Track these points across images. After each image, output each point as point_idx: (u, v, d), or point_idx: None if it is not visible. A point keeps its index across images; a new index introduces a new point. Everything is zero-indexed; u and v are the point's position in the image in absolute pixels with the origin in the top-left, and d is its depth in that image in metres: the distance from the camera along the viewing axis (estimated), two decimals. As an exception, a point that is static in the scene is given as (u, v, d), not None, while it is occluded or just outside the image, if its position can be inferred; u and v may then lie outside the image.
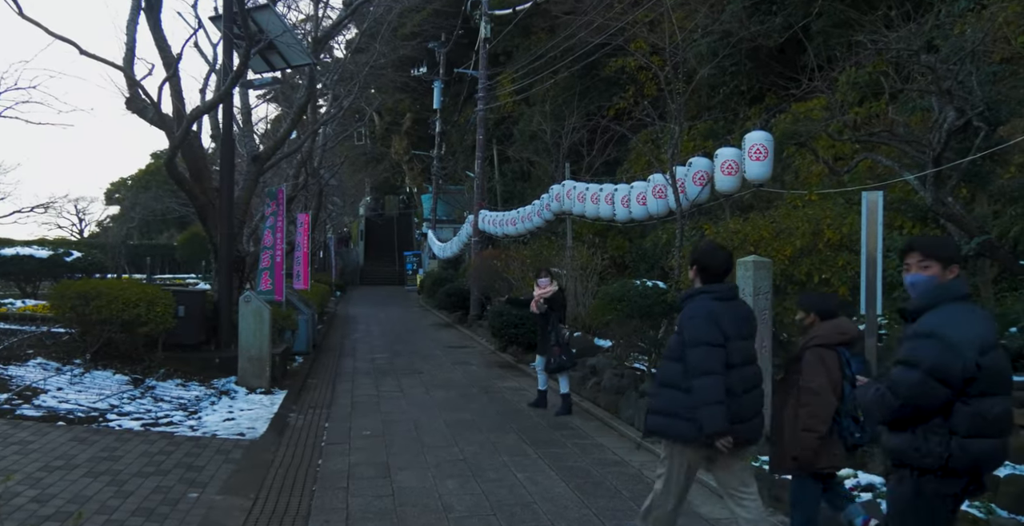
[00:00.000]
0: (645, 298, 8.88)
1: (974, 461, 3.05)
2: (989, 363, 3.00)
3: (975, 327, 3.05)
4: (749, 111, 22.18)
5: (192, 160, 11.78)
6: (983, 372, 2.99)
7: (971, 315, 3.13)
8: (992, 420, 3.02)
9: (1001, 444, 3.09)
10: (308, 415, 9.20)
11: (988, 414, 3.01)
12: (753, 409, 4.09)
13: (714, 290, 4.18)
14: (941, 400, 3.01)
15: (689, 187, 10.61)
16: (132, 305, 9.74)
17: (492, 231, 21.59)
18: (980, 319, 3.14)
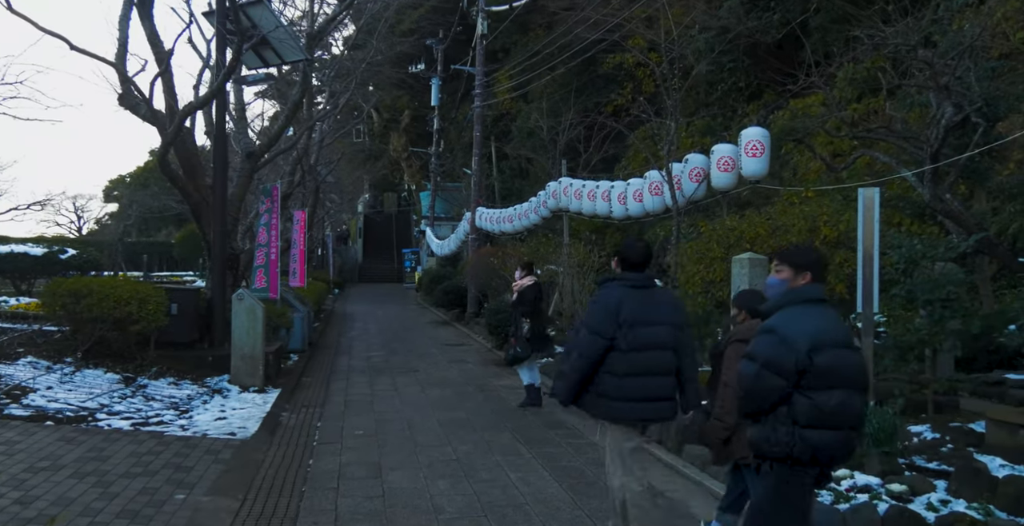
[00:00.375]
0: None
1: (813, 451, 3.27)
2: (824, 359, 3.24)
3: (811, 325, 3.32)
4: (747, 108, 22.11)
5: (185, 157, 11.69)
6: (816, 367, 3.22)
7: (812, 315, 3.39)
8: (829, 413, 3.23)
9: (841, 436, 3.30)
10: (301, 414, 9.12)
11: (825, 406, 3.23)
12: (644, 392, 4.31)
13: (627, 278, 4.45)
14: (778, 391, 3.27)
15: (685, 184, 10.53)
16: (123, 303, 9.65)
17: (489, 228, 21.52)
18: (821, 319, 3.38)
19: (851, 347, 3.44)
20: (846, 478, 5.30)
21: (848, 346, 3.41)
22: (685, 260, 8.20)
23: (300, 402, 9.91)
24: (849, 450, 3.41)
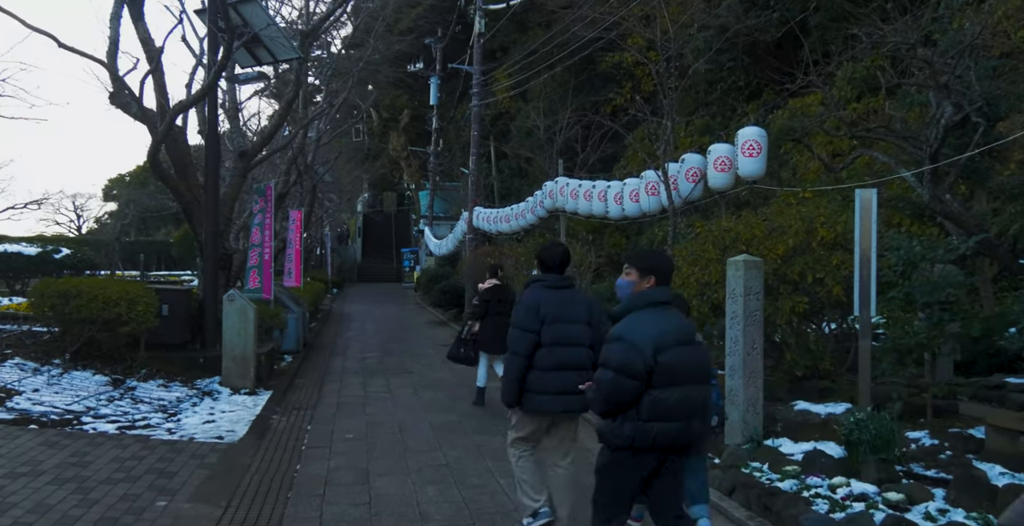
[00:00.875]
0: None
1: (653, 440, 3.62)
2: (665, 360, 3.57)
3: (654, 329, 3.63)
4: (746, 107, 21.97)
5: (177, 156, 11.57)
6: (660, 367, 3.56)
7: (655, 319, 3.68)
8: (669, 407, 3.59)
9: (680, 426, 3.64)
10: (291, 417, 9.00)
11: (666, 402, 3.59)
12: (559, 386, 4.56)
13: (545, 279, 4.81)
14: (633, 392, 3.60)
15: (682, 184, 10.41)
16: (113, 304, 9.53)
17: (487, 228, 21.40)
18: (663, 322, 3.68)
19: (692, 344, 3.76)
20: (842, 486, 5.17)
21: (688, 343, 3.73)
22: (680, 262, 8.06)
23: (291, 404, 9.79)
24: (688, 437, 3.71)
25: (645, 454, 3.67)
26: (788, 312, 7.06)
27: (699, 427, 3.75)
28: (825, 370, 7.40)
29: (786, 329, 7.16)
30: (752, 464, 5.93)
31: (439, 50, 36.95)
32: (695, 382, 3.69)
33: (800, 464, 5.72)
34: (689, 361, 3.68)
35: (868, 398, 6.01)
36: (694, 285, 7.86)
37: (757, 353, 6.62)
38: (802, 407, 6.73)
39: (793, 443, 6.27)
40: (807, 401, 6.92)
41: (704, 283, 7.64)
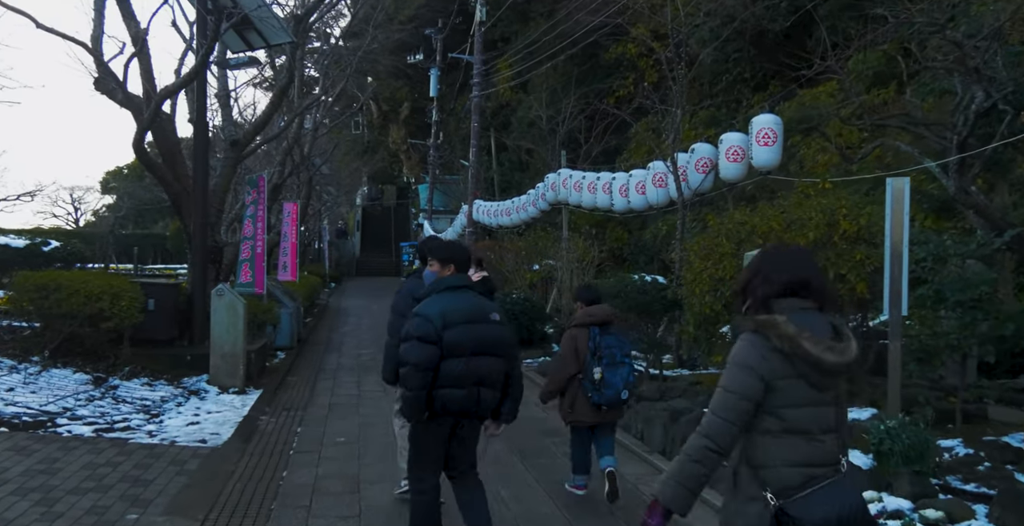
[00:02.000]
0: (643, 294, 8.24)
1: (444, 405, 4.07)
2: (451, 335, 4.02)
3: (443, 306, 4.10)
4: (752, 99, 21.49)
5: (165, 145, 11.12)
6: (445, 341, 4.02)
7: (447, 299, 4.16)
8: (454, 377, 4.03)
9: (464, 393, 4.08)
10: (281, 418, 8.56)
11: (451, 372, 4.03)
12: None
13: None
14: (433, 357, 4.00)
15: (691, 175, 9.96)
16: (95, 298, 9.11)
17: (487, 222, 20.95)
18: (454, 302, 4.14)
19: (484, 322, 4.15)
20: (873, 501, 4.74)
21: (479, 321, 4.13)
22: (692, 256, 7.63)
23: (282, 404, 9.35)
24: (479, 405, 4.16)
25: (439, 418, 4.14)
26: (808, 310, 6.61)
27: (489, 395, 4.20)
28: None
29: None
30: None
31: (439, 41, 36.41)
32: (483, 354, 4.12)
33: (825, 475, 5.27)
34: (477, 336, 4.10)
35: (898, 404, 5.57)
36: (707, 281, 7.42)
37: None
38: (824, 412, 6.28)
39: (815, 451, 5.81)
40: (828, 405, 6.47)
41: (717, 279, 7.20)
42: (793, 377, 2.46)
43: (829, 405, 2.52)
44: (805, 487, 2.44)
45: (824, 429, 2.50)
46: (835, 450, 2.50)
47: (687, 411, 6.86)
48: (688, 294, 7.70)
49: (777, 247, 2.93)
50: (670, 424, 6.87)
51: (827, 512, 2.40)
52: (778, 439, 2.48)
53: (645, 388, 8.09)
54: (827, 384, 2.49)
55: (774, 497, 2.45)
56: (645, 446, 7.19)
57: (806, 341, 2.40)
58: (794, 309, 2.49)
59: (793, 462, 2.47)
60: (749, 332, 2.51)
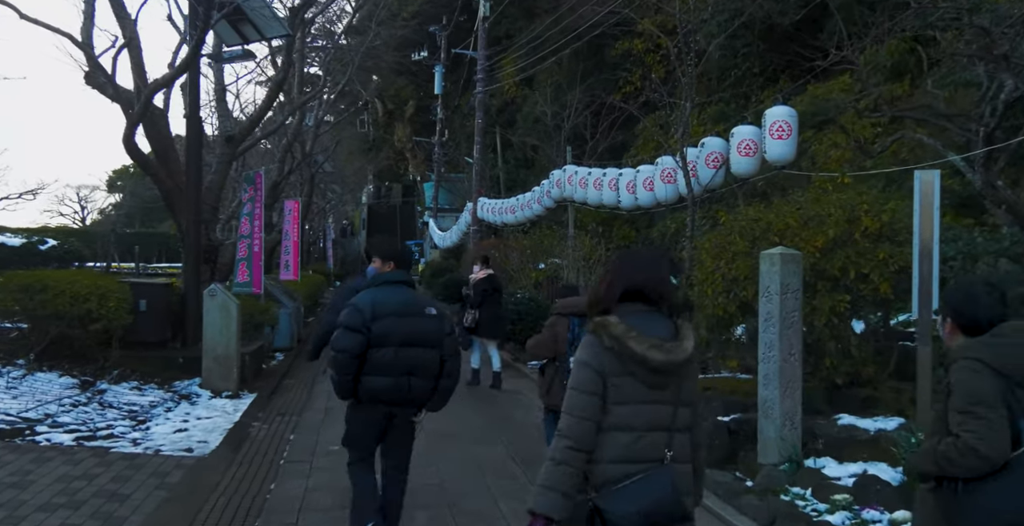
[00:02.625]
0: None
1: (373, 393, 4.33)
2: (378, 327, 4.28)
3: (375, 300, 4.37)
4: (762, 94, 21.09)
5: (158, 140, 10.78)
6: (373, 332, 4.27)
7: (380, 293, 4.43)
8: (382, 365, 4.29)
9: (392, 382, 4.32)
10: (274, 424, 8.20)
11: (379, 361, 4.28)
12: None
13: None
14: (359, 345, 4.26)
15: (701, 170, 9.57)
16: (82, 299, 8.77)
17: (491, 219, 20.58)
18: (386, 296, 4.41)
19: (415, 315, 4.42)
20: (907, 522, 4.35)
21: (410, 314, 4.40)
22: (704, 255, 7.24)
23: (276, 409, 9.00)
24: (409, 393, 4.38)
25: (369, 405, 4.39)
26: (828, 312, 6.22)
27: (422, 384, 4.42)
28: (868, 377, 6.56)
29: (824, 331, 6.32)
30: (793, 490, 5.12)
31: (444, 38, 36.03)
32: (413, 346, 4.36)
33: (851, 491, 4.89)
34: (407, 329, 4.35)
35: (929, 414, 5.17)
36: (719, 281, 7.01)
37: (795, 360, 5.80)
38: (847, 421, 5.90)
39: (838, 464, 5.44)
40: (850, 413, 6.09)
41: (731, 279, 6.81)
42: (624, 375, 2.55)
43: (665, 404, 2.58)
44: (622, 482, 2.52)
45: (651, 427, 2.57)
46: (660, 447, 2.56)
47: (699, 419, 6.47)
48: (699, 294, 7.30)
49: (630, 253, 3.02)
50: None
51: (632, 506, 2.48)
52: (604, 435, 2.56)
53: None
54: (659, 383, 2.56)
55: (594, 490, 2.54)
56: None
57: (631, 340, 2.50)
58: (634, 312, 2.58)
59: (615, 457, 2.55)
60: (588, 333, 2.63)
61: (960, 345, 2.84)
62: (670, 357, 2.52)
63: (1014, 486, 2.59)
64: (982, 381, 2.63)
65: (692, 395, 2.68)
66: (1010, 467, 2.59)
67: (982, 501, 2.63)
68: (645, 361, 2.50)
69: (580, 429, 2.54)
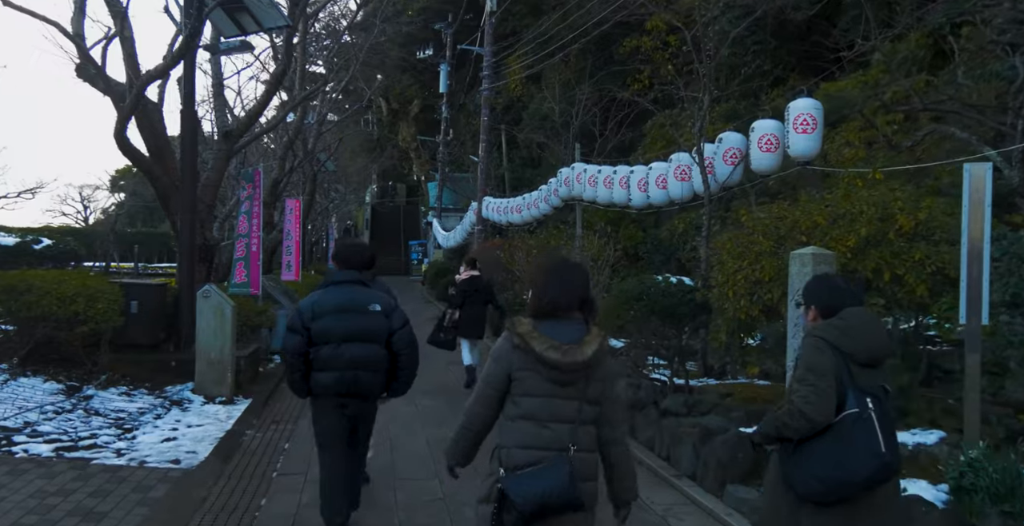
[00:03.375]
0: (668, 296, 7.42)
1: (322, 387, 4.64)
2: (316, 326, 4.60)
3: (315, 301, 4.69)
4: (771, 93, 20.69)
5: (152, 136, 10.38)
6: (313, 331, 4.60)
7: (324, 293, 4.75)
8: (323, 360, 4.59)
9: (338, 375, 4.60)
10: (269, 432, 7.79)
11: (321, 357, 4.60)
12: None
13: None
14: (300, 344, 4.61)
15: (719, 167, 9.14)
16: (68, 300, 8.38)
17: (496, 219, 20.16)
18: (328, 296, 4.71)
19: (356, 311, 4.68)
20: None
21: (352, 311, 4.66)
22: (724, 255, 6.81)
23: (272, 415, 8.58)
24: (358, 386, 4.67)
25: (323, 398, 4.68)
26: (860, 317, 5.78)
27: (368, 377, 4.69)
28: (900, 386, 6.12)
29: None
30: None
31: (449, 35, 35.65)
32: (355, 341, 4.63)
33: (893, 514, 4.45)
34: (348, 325, 4.62)
35: (977, 430, 4.74)
36: (741, 283, 6.57)
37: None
38: (882, 435, 5.45)
39: (875, 482, 4.99)
40: (885, 426, 5.64)
41: (754, 281, 6.38)
42: (529, 370, 2.91)
43: (570, 399, 2.92)
44: (526, 467, 2.86)
45: (555, 419, 2.91)
46: (564, 438, 2.89)
47: (721, 430, 6.04)
48: (719, 297, 6.87)
49: (551, 267, 3.16)
50: (701, 444, 6.06)
51: (531, 490, 2.81)
52: (514, 423, 2.94)
53: (670, 401, 7.28)
54: (563, 380, 2.90)
55: (504, 471, 2.91)
56: (672, 469, 6.38)
57: (533, 340, 2.87)
58: (552, 317, 2.96)
59: (522, 444, 2.90)
60: (505, 331, 3.00)
61: (812, 326, 3.33)
62: (565, 358, 2.85)
63: (833, 447, 2.99)
64: (821, 355, 3.07)
65: (602, 395, 2.97)
66: (833, 430, 2.99)
67: (806, 460, 3.02)
68: (543, 360, 2.85)
69: (472, 413, 3.04)
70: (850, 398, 3.03)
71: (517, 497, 2.82)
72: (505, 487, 2.87)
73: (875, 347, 3.13)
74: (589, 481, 2.96)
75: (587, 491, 2.94)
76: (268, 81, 12.00)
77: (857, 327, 3.13)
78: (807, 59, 20.67)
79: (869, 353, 3.10)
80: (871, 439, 2.97)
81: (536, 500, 2.82)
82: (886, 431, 3.01)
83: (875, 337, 3.16)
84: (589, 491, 2.96)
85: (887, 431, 3.01)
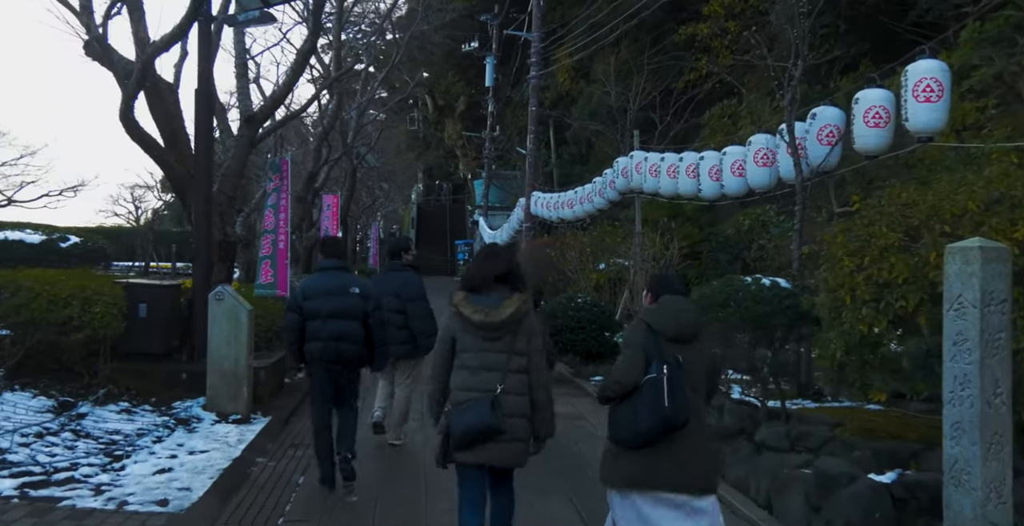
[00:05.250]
0: (761, 303, 6.07)
1: (312, 354, 5.72)
2: (309, 304, 5.68)
3: (307, 284, 5.92)
4: (840, 81, 19.11)
5: (166, 119, 9.35)
6: (304, 309, 5.69)
7: (315, 278, 5.99)
8: (312, 333, 5.67)
9: (323, 345, 5.67)
10: (283, 460, 6.63)
11: (312, 331, 5.68)
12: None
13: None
14: (295, 320, 5.71)
15: (812, 147, 7.75)
16: (62, 304, 7.36)
17: (546, 215, 18.87)
18: (316, 280, 5.91)
19: (340, 293, 5.71)
20: None
21: (336, 293, 5.71)
22: (837, 251, 5.44)
23: (290, 438, 7.43)
24: (339, 353, 5.70)
25: (315, 364, 5.76)
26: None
27: (348, 347, 5.71)
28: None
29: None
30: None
31: (495, 27, 34.50)
32: (338, 318, 5.65)
33: None
34: (332, 305, 5.66)
35: None
36: (862, 286, 5.18)
37: (1003, 403, 3.98)
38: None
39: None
40: (1073, 477, 4.25)
41: (881, 283, 5.01)
42: (464, 331, 3.94)
43: (499, 352, 3.89)
44: (462, 404, 3.86)
45: (485, 367, 3.88)
46: (492, 382, 3.83)
47: (844, 478, 4.67)
48: (831, 304, 5.49)
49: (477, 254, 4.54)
50: (818, 495, 4.72)
51: (461, 420, 3.80)
52: (457, 372, 3.95)
53: (766, 431, 5.94)
54: (491, 336, 3.88)
55: (449, 407, 3.95)
56: (775, 521, 5.04)
57: (463, 307, 3.91)
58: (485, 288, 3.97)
59: (460, 387, 3.91)
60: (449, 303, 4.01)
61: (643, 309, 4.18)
62: (486, 319, 3.84)
63: (631, 403, 3.62)
64: (635, 333, 3.79)
65: (528, 346, 3.93)
66: (636, 390, 3.61)
67: (616, 413, 3.71)
68: (470, 321, 3.87)
69: (437, 366, 4.03)
70: (653, 366, 3.58)
71: (453, 425, 3.81)
72: (448, 419, 3.87)
73: (682, 326, 3.70)
74: (517, 417, 3.83)
75: (515, 425, 3.82)
76: (295, 59, 10.88)
77: (668, 312, 3.75)
78: (882, 43, 19.10)
79: (676, 331, 3.68)
80: (657, 397, 3.50)
81: (463, 427, 3.76)
82: (675, 391, 3.51)
83: (682, 319, 3.73)
84: (518, 425, 3.83)
85: (676, 391, 3.51)
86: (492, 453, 3.77)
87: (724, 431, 6.55)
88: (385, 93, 34.61)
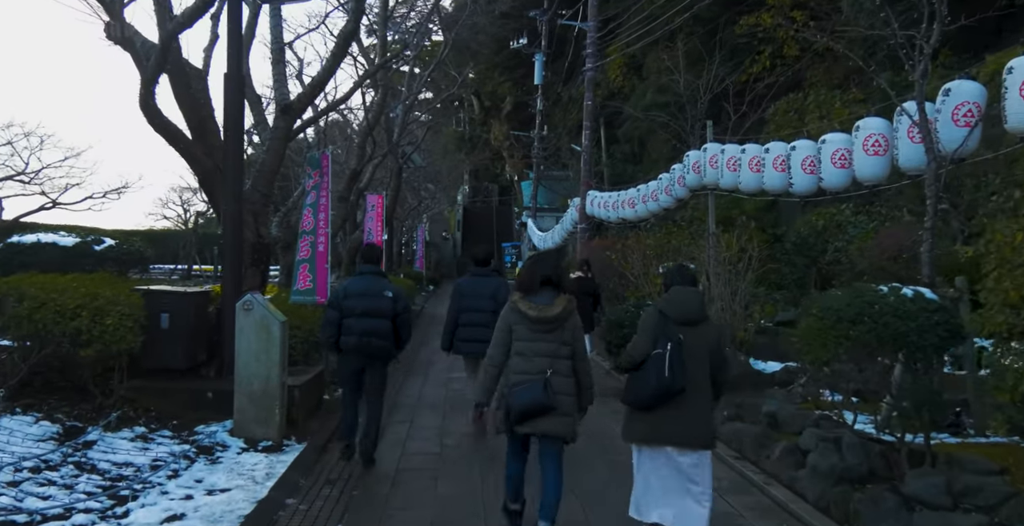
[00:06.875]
0: (905, 319, 4.85)
1: (346, 347, 6.41)
2: (348, 303, 6.39)
3: (347, 285, 6.62)
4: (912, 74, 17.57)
5: (193, 109, 8.41)
6: (344, 307, 6.39)
7: (354, 281, 6.67)
8: (349, 328, 6.37)
9: (356, 340, 6.36)
10: (317, 502, 5.57)
11: (348, 326, 6.36)
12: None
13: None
14: (336, 316, 6.41)
15: (944, 130, 6.48)
16: (70, 315, 6.44)
17: (603, 216, 17.67)
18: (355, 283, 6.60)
19: (370, 295, 6.42)
20: None
21: (369, 295, 6.42)
22: (1010, 253, 4.23)
23: (327, 470, 6.38)
24: (371, 348, 6.40)
25: (347, 354, 6.46)
26: None
27: (378, 342, 6.41)
28: None
29: None
30: None
31: (544, 23, 33.47)
32: (370, 316, 6.37)
33: None
34: (367, 304, 6.38)
35: None
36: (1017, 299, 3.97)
37: None
38: None
39: None
40: None
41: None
42: (520, 323, 4.68)
43: (549, 342, 4.64)
44: (520, 385, 4.58)
45: (538, 354, 4.63)
46: (543, 366, 4.59)
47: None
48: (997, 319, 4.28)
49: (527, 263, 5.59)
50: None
51: (519, 398, 4.55)
52: (513, 358, 4.68)
53: (916, 481, 4.72)
54: (543, 329, 4.63)
55: (508, 387, 4.65)
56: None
57: (520, 303, 4.66)
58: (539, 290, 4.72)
59: (516, 370, 4.64)
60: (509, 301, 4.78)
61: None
62: (540, 314, 4.59)
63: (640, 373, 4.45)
64: (650, 318, 4.57)
65: (572, 338, 4.68)
66: (644, 363, 4.44)
67: (629, 382, 4.58)
68: (526, 316, 4.61)
69: (493, 354, 4.78)
70: (660, 344, 4.40)
71: (512, 402, 4.59)
72: (507, 396, 4.65)
73: (688, 311, 4.53)
74: (564, 395, 4.61)
75: (563, 402, 4.59)
76: (335, 43, 9.90)
77: (676, 300, 4.60)
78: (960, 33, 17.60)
79: (683, 315, 4.50)
80: (660, 369, 4.34)
81: (521, 404, 4.55)
82: (674, 364, 4.32)
83: (687, 306, 4.56)
84: (565, 402, 4.61)
85: (675, 364, 4.32)
86: (546, 425, 4.54)
87: (848, 474, 5.33)
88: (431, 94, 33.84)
